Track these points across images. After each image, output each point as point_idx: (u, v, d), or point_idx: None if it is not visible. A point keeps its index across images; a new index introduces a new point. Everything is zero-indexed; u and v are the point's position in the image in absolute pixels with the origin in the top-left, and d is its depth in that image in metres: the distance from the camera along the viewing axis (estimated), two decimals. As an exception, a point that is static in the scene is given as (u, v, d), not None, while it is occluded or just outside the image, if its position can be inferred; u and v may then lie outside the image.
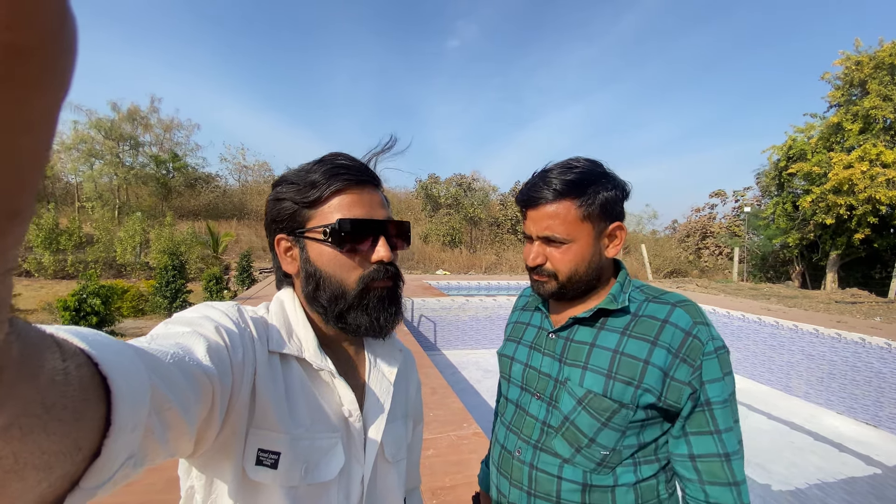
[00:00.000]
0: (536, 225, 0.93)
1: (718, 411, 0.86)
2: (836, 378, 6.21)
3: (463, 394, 6.22)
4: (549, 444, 0.92)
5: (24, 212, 0.15)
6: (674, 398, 0.85)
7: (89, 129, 23.37)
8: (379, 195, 0.74)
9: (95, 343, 0.31)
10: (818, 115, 20.20)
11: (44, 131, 0.15)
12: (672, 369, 0.85)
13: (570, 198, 0.89)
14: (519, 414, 1.00)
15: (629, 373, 0.86)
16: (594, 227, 0.91)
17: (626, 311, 0.92)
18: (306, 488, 0.63)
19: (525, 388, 1.01)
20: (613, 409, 0.86)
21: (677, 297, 0.92)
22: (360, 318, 0.69)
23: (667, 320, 0.88)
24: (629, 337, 0.89)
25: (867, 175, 16.37)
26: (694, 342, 0.85)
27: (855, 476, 4.47)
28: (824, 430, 5.61)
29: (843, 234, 18.54)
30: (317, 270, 0.69)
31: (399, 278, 0.75)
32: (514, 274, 21.78)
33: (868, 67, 17.57)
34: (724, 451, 0.86)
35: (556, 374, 0.95)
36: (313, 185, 0.69)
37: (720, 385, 0.86)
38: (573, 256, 0.91)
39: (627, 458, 0.88)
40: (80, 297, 8.01)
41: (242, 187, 31.78)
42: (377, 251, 0.69)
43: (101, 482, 0.30)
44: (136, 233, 18.01)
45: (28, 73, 0.13)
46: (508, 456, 0.99)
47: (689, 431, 0.87)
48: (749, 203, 27.94)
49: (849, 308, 10.36)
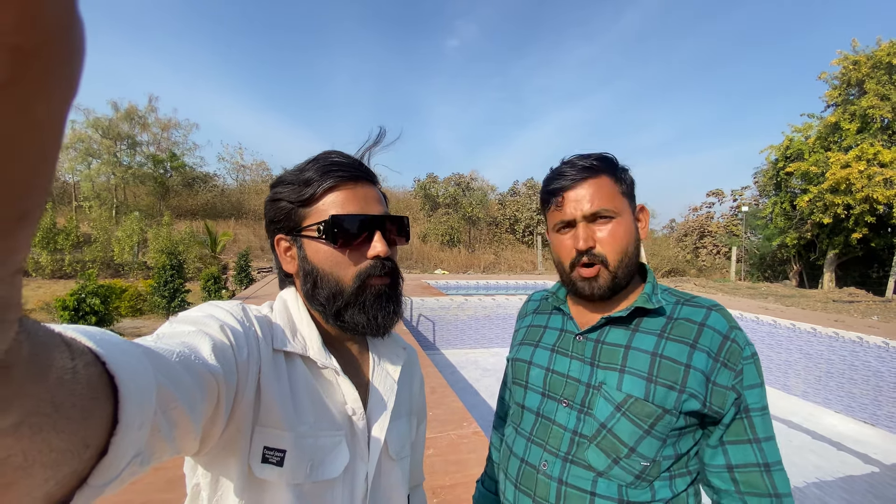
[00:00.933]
0: (579, 204, 0.86)
1: (757, 419, 0.81)
2: (833, 377, 6.23)
3: (462, 393, 6.22)
4: (582, 455, 0.84)
5: (33, 214, 0.15)
6: (718, 404, 0.80)
7: (87, 128, 23.33)
8: (374, 191, 0.73)
9: (103, 342, 0.32)
10: (815, 114, 20.29)
11: (52, 133, 0.15)
12: (714, 373, 0.80)
13: (605, 174, 0.87)
14: (543, 423, 0.91)
15: (671, 377, 0.80)
16: (630, 203, 0.89)
17: (661, 313, 0.87)
18: (311, 486, 0.63)
19: (549, 395, 0.92)
20: (657, 415, 0.80)
21: (710, 301, 0.89)
22: (358, 317, 0.69)
23: (704, 323, 0.84)
24: (667, 339, 0.84)
25: (864, 174, 16.44)
26: (733, 346, 0.82)
27: (853, 475, 4.49)
28: (822, 428, 5.64)
29: (840, 233, 18.63)
30: (314, 268, 0.70)
31: (397, 275, 0.74)
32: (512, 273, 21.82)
33: (866, 67, 17.64)
34: (765, 460, 0.80)
35: (587, 378, 0.87)
36: (307, 184, 0.69)
37: (758, 392, 0.82)
38: (623, 233, 0.86)
39: (665, 470, 0.82)
40: (78, 296, 8.00)
41: (240, 187, 31.77)
42: (373, 246, 0.69)
43: (109, 479, 0.30)
44: (134, 232, 17.98)
45: (36, 76, 0.13)
46: (531, 471, 0.89)
47: (726, 441, 0.82)
48: (747, 202, 28.05)
49: (846, 307, 10.40)
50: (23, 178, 0.14)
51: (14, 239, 0.14)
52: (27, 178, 0.14)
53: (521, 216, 28.91)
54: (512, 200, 29.94)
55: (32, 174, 0.14)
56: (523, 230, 29.01)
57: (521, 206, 29.32)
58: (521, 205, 29.36)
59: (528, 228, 29.17)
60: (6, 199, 0.14)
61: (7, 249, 0.14)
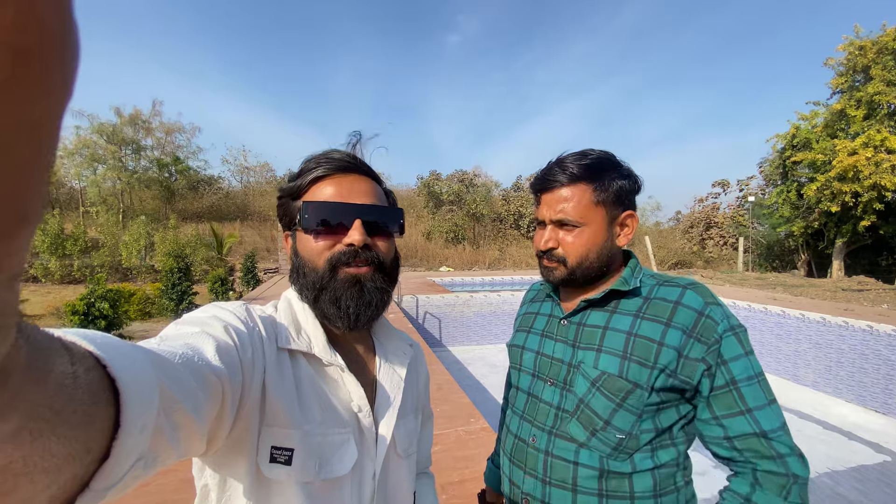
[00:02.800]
0: (550, 209, 0.93)
1: (746, 389, 0.82)
2: (844, 366, 6.18)
3: (469, 389, 6.24)
4: (565, 428, 0.91)
5: (31, 215, 0.15)
6: (686, 374, 0.84)
7: (91, 133, 23.48)
8: (365, 183, 0.72)
9: (104, 345, 0.32)
10: (821, 102, 20.04)
11: (48, 134, 0.15)
12: (686, 348, 0.84)
13: (585, 182, 0.91)
14: (532, 402, 0.99)
15: (644, 354, 0.85)
16: (607, 212, 0.92)
17: (638, 294, 0.93)
18: (321, 484, 0.63)
19: (537, 376, 1.00)
20: (627, 390, 0.85)
21: (687, 280, 0.93)
22: (328, 306, 0.68)
23: (679, 302, 0.88)
24: (642, 319, 0.89)
25: (872, 161, 16.23)
26: (707, 321, 0.85)
27: (865, 464, 4.46)
28: (833, 418, 5.60)
29: (848, 221, 18.42)
30: (297, 258, 0.71)
31: (384, 267, 0.72)
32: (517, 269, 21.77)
33: (872, 52, 17.38)
34: (760, 430, 0.81)
35: (569, 358, 0.94)
36: (298, 176, 0.71)
37: (744, 362, 0.83)
38: (585, 241, 0.92)
39: (645, 444, 0.87)
40: (88, 301, 8.08)
41: (245, 189, 31.89)
42: (349, 234, 0.67)
43: (112, 483, 0.30)
44: (141, 236, 18.12)
45: (31, 75, 0.13)
46: (523, 445, 0.97)
47: (719, 415, 0.84)
48: (753, 192, 27.77)
49: (856, 296, 10.29)
50: (20, 179, 0.14)
51: (12, 242, 0.14)
52: (24, 180, 0.14)
53: (526, 211, 28.80)
54: (516, 196, 29.82)
55: (30, 176, 0.14)
56: (528, 225, 28.92)
57: (526, 202, 29.17)
58: (525, 200, 29.22)
59: (532, 223, 28.87)
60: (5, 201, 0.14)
61: (6, 253, 0.14)
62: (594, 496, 0.87)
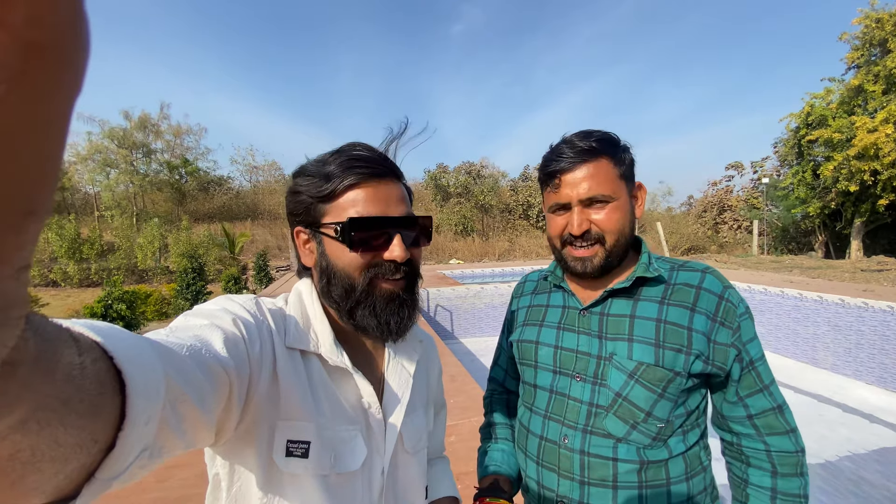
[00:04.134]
0: (575, 188, 0.87)
1: (761, 367, 0.88)
2: (864, 348, 6.06)
3: (482, 380, 6.22)
4: (600, 425, 0.87)
5: (40, 210, 0.15)
6: (721, 360, 0.86)
7: (103, 139, 23.87)
8: (398, 189, 0.71)
9: (111, 337, 0.32)
10: (836, 78, 19.45)
11: (58, 129, 0.15)
12: (713, 333, 0.85)
13: (604, 156, 0.87)
14: (557, 399, 0.93)
15: (677, 340, 0.84)
16: (627, 185, 0.91)
17: (660, 281, 0.91)
18: (336, 477, 0.64)
19: (560, 372, 0.94)
20: (668, 378, 0.84)
21: (702, 265, 0.93)
22: (368, 319, 0.68)
23: (701, 286, 0.88)
24: (668, 305, 0.88)
25: (892, 138, 15.76)
26: (728, 305, 0.87)
27: (887, 446, 4.38)
28: (853, 401, 5.50)
29: (866, 200, 17.95)
30: (329, 265, 0.69)
31: (415, 279, 0.72)
32: (527, 259, 21.70)
33: (889, 24, 16.80)
34: (776, 403, 0.88)
35: (597, 350, 0.90)
36: (328, 179, 0.67)
37: (756, 343, 0.88)
38: (620, 215, 0.88)
39: (678, 428, 0.87)
40: (105, 303, 8.27)
41: (254, 188, 32.25)
42: (391, 250, 0.67)
43: (117, 473, 0.31)
44: (155, 238, 18.46)
45: (43, 71, 0.13)
46: (553, 446, 0.91)
47: (742, 395, 0.88)
48: (767, 174, 27.19)
49: (875, 276, 10.06)
50: (30, 173, 0.14)
51: (22, 235, 0.15)
52: (34, 174, 0.14)
53: (535, 201, 28.63)
54: (524, 186, 29.65)
55: (39, 169, 0.15)
56: (537, 215, 28.76)
57: (534, 191, 28.98)
58: (533, 189, 29.03)
59: (542, 213, 28.81)
60: (14, 194, 0.14)
61: (14, 245, 0.14)
62: (634, 489, 0.85)
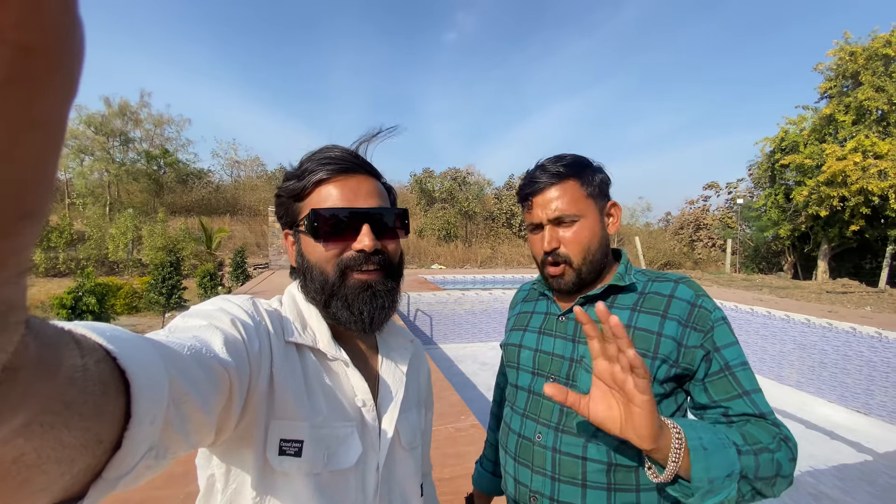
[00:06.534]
0: (545, 209, 0.95)
1: (741, 373, 0.87)
2: (827, 367, 6.29)
3: (460, 387, 6.25)
4: (571, 424, 0.91)
5: (37, 213, 0.15)
6: (687, 361, 0.88)
7: (79, 124, 23.07)
8: (370, 183, 0.72)
9: (114, 338, 0.32)
10: (810, 106, 20.32)
11: (53, 131, 0.15)
12: (685, 338, 0.88)
13: (572, 178, 0.95)
14: (534, 399, 0.99)
15: (644, 345, 0.88)
16: (596, 204, 0.96)
17: (633, 290, 0.96)
18: (329, 475, 0.64)
19: (537, 373, 1.00)
20: None
21: (677, 276, 0.98)
22: (342, 312, 0.69)
23: (672, 295, 0.92)
24: (639, 312, 0.92)
25: (860, 167, 16.51)
26: (700, 311, 0.89)
27: (846, 462, 4.55)
28: (816, 417, 5.70)
29: (835, 224, 18.74)
30: (304, 261, 0.71)
31: (391, 270, 0.73)
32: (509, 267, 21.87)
33: (861, 58, 17.65)
34: (759, 411, 0.85)
35: (570, 353, 0.95)
36: (300, 178, 0.70)
37: (735, 349, 0.89)
38: (586, 234, 0.94)
39: None
40: (76, 294, 7.96)
41: (235, 183, 31.56)
42: (360, 240, 0.68)
43: (123, 473, 0.31)
44: (128, 230, 17.85)
45: (37, 73, 0.13)
46: (528, 443, 0.97)
47: (717, 399, 0.87)
48: (741, 195, 28.13)
49: (840, 298, 10.49)
50: (26, 176, 0.14)
51: (19, 239, 0.14)
52: (30, 177, 0.14)
53: (518, 210, 28.82)
54: (508, 195, 29.90)
55: (35, 173, 0.14)
56: (520, 224, 29.00)
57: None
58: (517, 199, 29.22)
59: (524, 224, 28.97)
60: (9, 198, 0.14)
61: (11, 250, 0.14)
62: (603, 490, 0.87)
